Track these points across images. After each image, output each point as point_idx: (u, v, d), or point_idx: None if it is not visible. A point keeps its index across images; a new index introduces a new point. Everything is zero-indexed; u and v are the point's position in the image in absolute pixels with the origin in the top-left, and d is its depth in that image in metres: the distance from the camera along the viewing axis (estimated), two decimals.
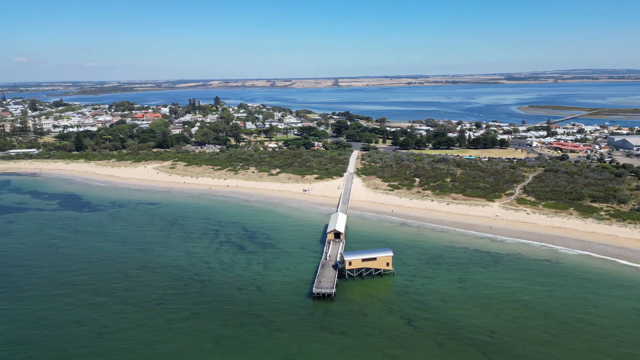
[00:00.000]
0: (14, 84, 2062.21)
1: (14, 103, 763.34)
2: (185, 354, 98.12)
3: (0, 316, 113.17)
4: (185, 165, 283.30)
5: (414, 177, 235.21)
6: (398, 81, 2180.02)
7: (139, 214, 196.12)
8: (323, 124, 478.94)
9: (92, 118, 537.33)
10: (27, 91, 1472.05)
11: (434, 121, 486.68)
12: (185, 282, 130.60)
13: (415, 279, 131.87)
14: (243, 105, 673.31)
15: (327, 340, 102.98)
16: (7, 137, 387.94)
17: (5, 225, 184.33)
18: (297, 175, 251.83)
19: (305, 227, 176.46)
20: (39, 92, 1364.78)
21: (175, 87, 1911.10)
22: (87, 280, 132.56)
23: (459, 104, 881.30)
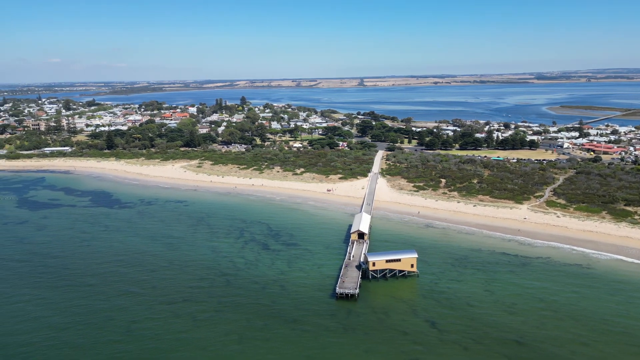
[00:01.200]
0: (49, 84, 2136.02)
1: (49, 103, 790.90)
2: (210, 349, 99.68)
3: (38, 304, 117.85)
4: (212, 164, 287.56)
5: (440, 178, 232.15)
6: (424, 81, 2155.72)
7: (167, 212, 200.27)
8: (348, 123, 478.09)
9: (122, 117, 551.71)
10: (62, 91, 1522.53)
11: (461, 121, 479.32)
12: (211, 279, 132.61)
13: (441, 281, 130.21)
14: (269, 105, 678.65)
15: (349, 341, 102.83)
16: (42, 135, 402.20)
17: (40, 220, 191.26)
18: (321, 175, 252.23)
19: (328, 227, 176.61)
20: (73, 92, 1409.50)
21: (203, 87, 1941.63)
22: (117, 274, 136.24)
23: (487, 104, 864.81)
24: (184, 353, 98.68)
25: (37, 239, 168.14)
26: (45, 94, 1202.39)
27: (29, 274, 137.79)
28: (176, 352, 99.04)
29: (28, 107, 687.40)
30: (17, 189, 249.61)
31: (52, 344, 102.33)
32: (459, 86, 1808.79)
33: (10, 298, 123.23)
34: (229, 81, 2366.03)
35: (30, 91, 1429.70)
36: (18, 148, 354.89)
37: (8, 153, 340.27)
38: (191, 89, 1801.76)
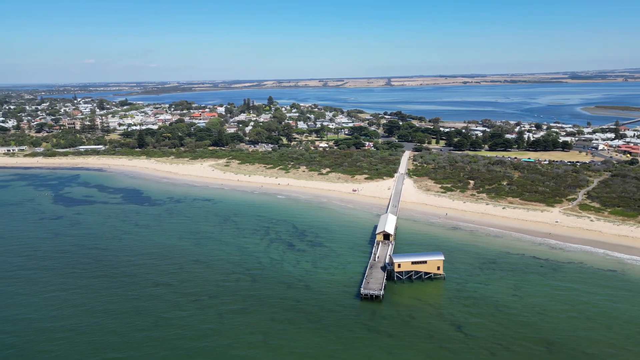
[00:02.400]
0: (84, 85, 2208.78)
1: (84, 102, 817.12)
2: (235, 346, 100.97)
3: (74, 293, 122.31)
4: (239, 163, 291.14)
5: (468, 180, 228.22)
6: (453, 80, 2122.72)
7: (195, 209, 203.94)
8: (374, 123, 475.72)
9: (153, 117, 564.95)
10: (96, 91, 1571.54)
11: (491, 122, 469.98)
12: (237, 276, 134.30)
13: (468, 284, 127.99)
14: (295, 105, 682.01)
15: (374, 342, 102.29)
16: (77, 134, 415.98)
17: (74, 216, 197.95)
18: (346, 175, 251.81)
19: (354, 227, 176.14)
20: (107, 92, 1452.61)
21: (231, 87, 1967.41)
22: (147, 269, 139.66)
23: (518, 104, 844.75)
24: (209, 348, 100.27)
25: (72, 234, 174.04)
26: (81, 93, 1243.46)
27: (64, 267, 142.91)
28: (202, 346, 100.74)
29: (64, 107, 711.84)
30: (53, 185, 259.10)
31: (88, 329, 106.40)
32: (488, 86, 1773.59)
33: (50, 287, 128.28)
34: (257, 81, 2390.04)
35: (66, 91, 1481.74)
36: (54, 146, 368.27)
37: (45, 151, 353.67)
38: (220, 89, 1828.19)
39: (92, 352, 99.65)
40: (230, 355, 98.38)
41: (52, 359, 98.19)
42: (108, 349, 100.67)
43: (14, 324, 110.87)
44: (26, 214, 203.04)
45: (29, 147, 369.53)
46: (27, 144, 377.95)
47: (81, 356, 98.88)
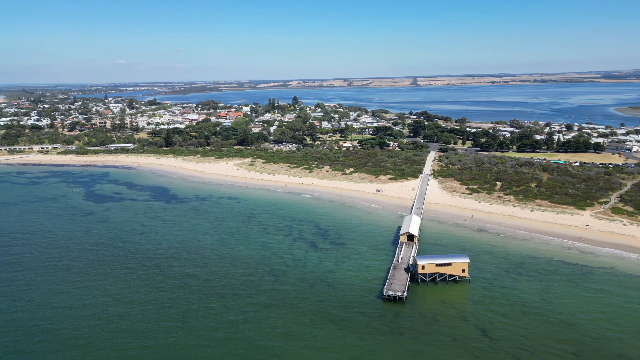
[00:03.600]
0: (115, 84, 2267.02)
1: (114, 102, 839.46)
2: (258, 344, 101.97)
3: (105, 285, 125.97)
4: (264, 162, 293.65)
5: (495, 181, 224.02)
6: (481, 80, 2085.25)
7: (220, 207, 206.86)
8: (399, 123, 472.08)
9: (180, 116, 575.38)
10: (126, 91, 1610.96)
11: (519, 122, 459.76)
12: (260, 274, 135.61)
13: (493, 287, 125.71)
14: (320, 104, 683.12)
15: (396, 344, 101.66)
16: (107, 132, 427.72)
17: (104, 212, 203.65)
18: (370, 175, 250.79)
19: (377, 228, 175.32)
20: (136, 92, 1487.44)
21: (257, 87, 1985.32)
22: (174, 265, 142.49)
23: (548, 104, 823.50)
24: (232, 344, 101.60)
25: (102, 229, 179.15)
26: (112, 93, 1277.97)
27: (95, 260, 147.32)
28: (225, 342, 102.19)
29: (96, 106, 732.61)
30: (84, 182, 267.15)
31: (117, 318, 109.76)
32: (517, 85, 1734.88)
33: (81, 278, 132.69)
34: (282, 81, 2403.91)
35: (98, 91, 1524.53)
36: (86, 144, 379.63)
37: (77, 149, 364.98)
38: (245, 89, 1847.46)
39: (122, 339, 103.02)
40: (253, 351, 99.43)
41: (84, 344, 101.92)
42: (137, 337, 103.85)
43: (50, 311, 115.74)
44: (59, 209, 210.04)
45: (62, 145, 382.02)
46: (60, 142, 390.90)
47: (111, 342, 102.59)
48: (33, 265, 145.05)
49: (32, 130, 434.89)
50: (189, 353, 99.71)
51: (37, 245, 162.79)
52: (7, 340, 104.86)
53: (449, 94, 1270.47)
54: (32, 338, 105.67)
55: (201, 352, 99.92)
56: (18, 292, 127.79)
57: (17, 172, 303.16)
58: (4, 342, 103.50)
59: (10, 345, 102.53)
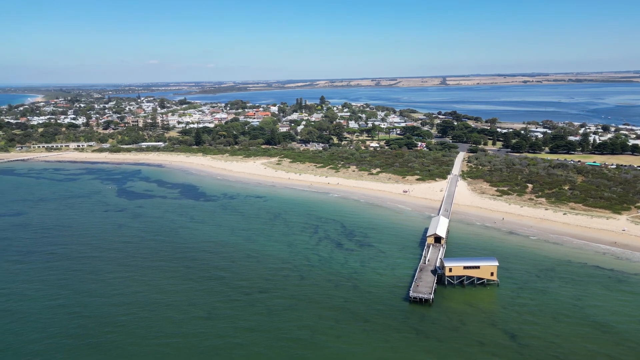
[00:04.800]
0: (147, 84, 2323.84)
1: (146, 101, 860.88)
2: (283, 342, 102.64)
3: (134, 280, 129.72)
4: (290, 162, 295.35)
5: (526, 183, 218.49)
6: (513, 79, 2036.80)
7: (247, 206, 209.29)
8: (428, 123, 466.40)
9: (210, 115, 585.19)
10: (158, 90, 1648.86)
11: (552, 123, 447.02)
12: (285, 273, 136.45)
13: (523, 292, 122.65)
14: (347, 104, 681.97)
15: (422, 346, 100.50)
16: (140, 131, 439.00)
17: (136, 209, 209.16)
18: (397, 175, 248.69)
19: (403, 229, 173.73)
20: (167, 92, 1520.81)
21: (284, 87, 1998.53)
22: (201, 262, 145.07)
23: (583, 105, 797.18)
24: (258, 342, 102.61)
25: (133, 226, 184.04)
26: (144, 93, 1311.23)
27: (126, 255, 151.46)
28: (251, 340, 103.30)
29: (129, 105, 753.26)
30: (117, 179, 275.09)
31: (148, 310, 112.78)
32: (551, 85, 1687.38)
33: (113, 272, 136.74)
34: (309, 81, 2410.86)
35: (131, 90, 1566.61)
36: (119, 142, 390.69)
37: (111, 147, 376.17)
38: (273, 89, 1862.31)
39: (152, 329, 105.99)
40: (278, 349, 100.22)
41: (118, 331, 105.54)
42: (167, 326, 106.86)
43: (85, 299, 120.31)
44: (93, 205, 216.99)
45: (96, 143, 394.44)
46: (95, 140, 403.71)
47: (142, 331, 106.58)
48: (69, 257, 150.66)
49: (68, 128, 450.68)
50: (216, 344, 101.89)
51: (72, 239, 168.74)
52: (46, 325, 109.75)
53: (479, 94, 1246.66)
54: (68, 323, 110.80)
55: (227, 343, 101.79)
56: (56, 280, 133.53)
57: (54, 168, 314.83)
58: (43, 327, 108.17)
59: (49, 330, 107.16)
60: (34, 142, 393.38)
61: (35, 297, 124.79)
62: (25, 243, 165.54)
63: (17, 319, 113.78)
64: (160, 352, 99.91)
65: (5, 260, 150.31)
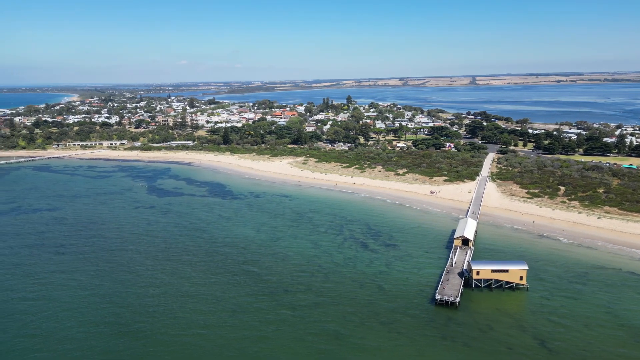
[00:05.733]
0: (177, 84, 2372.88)
1: (176, 101, 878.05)
2: (307, 341, 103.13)
3: (164, 273, 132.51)
4: (316, 161, 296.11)
5: (558, 186, 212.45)
6: (545, 79, 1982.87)
7: (273, 205, 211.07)
8: (456, 124, 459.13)
9: (237, 115, 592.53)
10: (187, 90, 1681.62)
11: (587, 124, 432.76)
12: (310, 272, 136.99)
13: (554, 297, 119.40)
14: (374, 104, 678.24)
15: (448, 350, 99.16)
16: (170, 130, 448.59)
17: (165, 206, 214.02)
18: (424, 176, 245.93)
19: (430, 231, 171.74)
20: (197, 92, 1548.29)
21: (311, 87, 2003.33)
22: (227, 260, 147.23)
23: (620, 105, 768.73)
24: (282, 342, 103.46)
25: (163, 222, 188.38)
26: (174, 92, 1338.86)
27: (155, 251, 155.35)
28: (275, 336, 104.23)
29: (159, 105, 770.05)
30: (147, 177, 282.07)
31: (177, 305, 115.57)
32: (585, 85, 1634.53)
33: (143, 267, 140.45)
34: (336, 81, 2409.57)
35: (161, 90, 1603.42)
36: (150, 141, 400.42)
37: (142, 145, 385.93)
38: (300, 89, 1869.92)
39: (180, 325, 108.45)
40: (302, 346, 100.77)
41: (147, 322, 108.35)
42: (193, 323, 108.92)
43: (117, 290, 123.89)
44: (125, 202, 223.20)
45: (128, 142, 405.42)
46: (127, 138, 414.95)
47: (171, 322, 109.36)
48: (103, 250, 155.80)
49: (102, 127, 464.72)
50: (241, 337, 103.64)
51: (105, 233, 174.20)
52: (82, 313, 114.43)
53: (510, 94, 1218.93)
54: (102, 312, 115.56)
55: (253, 338, 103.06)
56: (91, 272, 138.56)
57: (88, 166, 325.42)
58: (80, 315, 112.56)
59: (84, 317, 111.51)
60: (69, 140, 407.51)
61: (72, 286, 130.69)
62: (61, 237, 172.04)
63: (56, 306, 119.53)
64: (187, 343, 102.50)
65: (43, 252, 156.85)
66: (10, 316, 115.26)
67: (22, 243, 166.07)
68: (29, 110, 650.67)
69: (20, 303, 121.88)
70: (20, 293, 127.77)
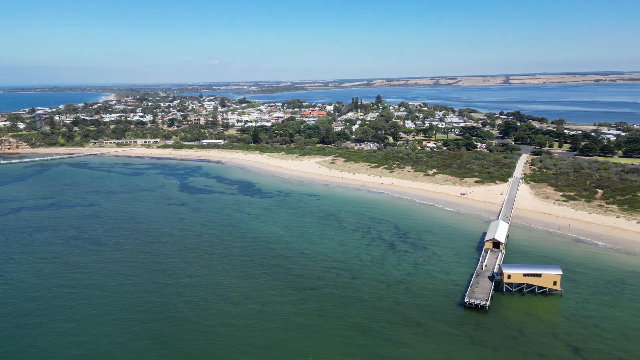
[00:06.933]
0: (209, 84, 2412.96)
1: (208, 100, 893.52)
2: (334, 340, 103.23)
3: (194, 267, 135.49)
4: (344, 161, 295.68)
5: (596, 189, 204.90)
6: (583, 78, 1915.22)
7: (301, 204, 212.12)
8: (488, 124, 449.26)
9: (267, 114, 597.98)
10: (219, 90, 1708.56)
11: (627, 125, 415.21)
12: (337, 272, 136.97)
13: (589, 304, 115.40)
14: (404, 103, 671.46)
15: (477, 354, 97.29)
16: (201, 129, 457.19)
17: (196, 203, 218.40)
18: (455, 177, 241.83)
19: (460, 233, 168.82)
20: (228, 91, 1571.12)
21: (341, 87, 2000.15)
22: (256, 257, 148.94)
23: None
24: (308, 340, 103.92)
25: (193, 219, 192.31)
26: (206, 92, 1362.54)
27: (185, 247, 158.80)
28: (301, 338, 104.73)
29: (192, 104, 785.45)
30: (179, 174, 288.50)
31: (207, 297, 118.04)
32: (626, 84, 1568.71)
33: (176, 260, 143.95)
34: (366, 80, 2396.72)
35: (194, 89, 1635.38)
36: (182, 139, 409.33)
37: (174, 143, 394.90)
38: (330, 88, 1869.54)
39: (210, 318, 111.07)
40: (328, 345, 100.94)
41: (178, 317, 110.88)
42: (224, 316, 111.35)
43: (150, 284, 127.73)
44: (157, 198, 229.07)
45: (161, 140, 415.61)
46: (160, 136, 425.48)
47: (201, 315, 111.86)
48: (136, 245, 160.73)
49: (137, 125, 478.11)
50: (268, 334, 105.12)
51: (139, 228, 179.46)
52: (118, 302, 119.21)
53: (546, 93, 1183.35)
54: (137, 302, 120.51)
55: (279, 334, 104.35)
56: (126, 264, 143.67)
57: (123, 163, 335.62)
58: (116, 304, 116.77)
59: (120, 306, 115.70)
60: (106, 138, 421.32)
61: (109, 276, 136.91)
62: (98, 230, 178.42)
63: (94, 295, 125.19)
64: (218, 332, 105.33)
65: (81, 244, 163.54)
66: (50, 302, 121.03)
67: (61, 236, 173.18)
68: (68, 108, 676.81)
69: (58, 289, 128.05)
70: (60, 280, 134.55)
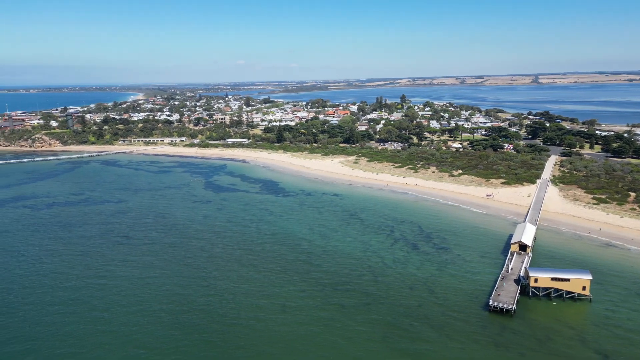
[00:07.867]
0: (235, 83, 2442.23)
1: (233, 99, 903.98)
2: (356, 342, 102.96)
3: (218, 261, 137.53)
4: (368, 160, 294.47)
5: (628, 191, 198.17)
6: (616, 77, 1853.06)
7: (324, 203, 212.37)
8: (516, 124, 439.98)
9: (291, 114, 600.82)
10: (244, 89, 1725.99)
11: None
12: (359, 272, 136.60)
13: (620, 310, 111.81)
14: (429, 103, 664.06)
15: (502, 358, 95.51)
16: (226, 128, 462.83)
17: (220, 201, 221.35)
18: (480, 178, 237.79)
19: (485, 235, 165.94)
20: (252, 91, 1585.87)
21: (365, 86, 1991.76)
22: (278, 255, 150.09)
23: None
24: (331, 335, 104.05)
25: (218, 217, 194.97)
26: (231, 92, 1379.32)
27: (210, 244, 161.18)
28: (322, 338, 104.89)
29: (217, 103, 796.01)
30: (205, 173, 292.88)
31: (229, 296, 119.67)
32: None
33: (199, 259, 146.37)
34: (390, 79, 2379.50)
35: (219, 89, 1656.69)
36: (208, 138, 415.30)
37: (200, 142, 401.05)
38: (354, 88, 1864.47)
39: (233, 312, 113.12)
40: (350, 344, 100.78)
41: (204, 310, 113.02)
42: (246, 311, 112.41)
43: (177, 279, 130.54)
44: (183, 196, 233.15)
45: (187, 139, 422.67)
46: (186, 135, 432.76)
47: (225, 312, 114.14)
48: (162, 241, 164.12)
49: (164, 124, 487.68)
50: (290, 331, 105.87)
51: (165, 224, 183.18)
52: (144, 298, 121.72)
53: (576, 93, 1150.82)
54: (165, 299, 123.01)
55: (301, 332, 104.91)
56: (152, 261, 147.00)
57: (151, 161, 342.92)
58: (141, 300, 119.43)
59: (145, 302, 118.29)
60: (134, 137, 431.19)
61: (138, 268, 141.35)
62: (126, 226, 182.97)
63: (124, 286, 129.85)
64: (240, 330, 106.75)
65: (111, 239, 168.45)
66: (80, 291, 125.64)
67: (92, 230, 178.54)
68: (98, 107, 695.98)
69: (89, 280, 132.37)
70: (91, 272, 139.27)
